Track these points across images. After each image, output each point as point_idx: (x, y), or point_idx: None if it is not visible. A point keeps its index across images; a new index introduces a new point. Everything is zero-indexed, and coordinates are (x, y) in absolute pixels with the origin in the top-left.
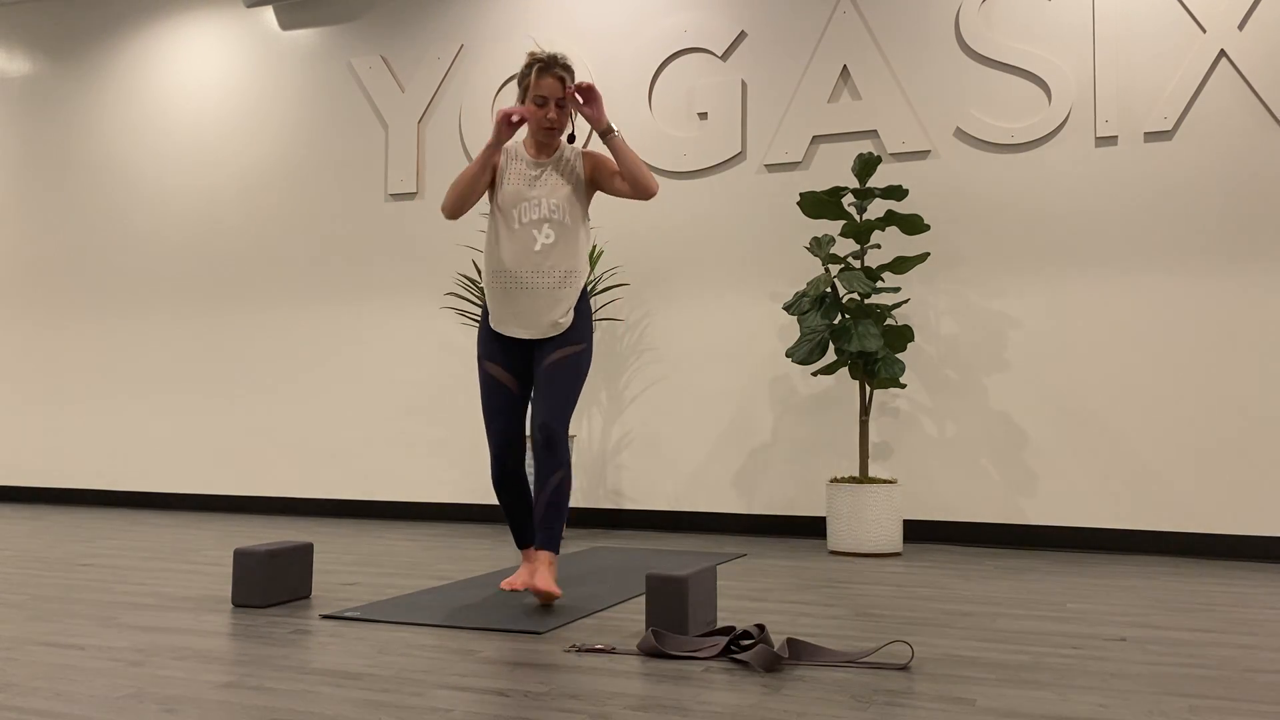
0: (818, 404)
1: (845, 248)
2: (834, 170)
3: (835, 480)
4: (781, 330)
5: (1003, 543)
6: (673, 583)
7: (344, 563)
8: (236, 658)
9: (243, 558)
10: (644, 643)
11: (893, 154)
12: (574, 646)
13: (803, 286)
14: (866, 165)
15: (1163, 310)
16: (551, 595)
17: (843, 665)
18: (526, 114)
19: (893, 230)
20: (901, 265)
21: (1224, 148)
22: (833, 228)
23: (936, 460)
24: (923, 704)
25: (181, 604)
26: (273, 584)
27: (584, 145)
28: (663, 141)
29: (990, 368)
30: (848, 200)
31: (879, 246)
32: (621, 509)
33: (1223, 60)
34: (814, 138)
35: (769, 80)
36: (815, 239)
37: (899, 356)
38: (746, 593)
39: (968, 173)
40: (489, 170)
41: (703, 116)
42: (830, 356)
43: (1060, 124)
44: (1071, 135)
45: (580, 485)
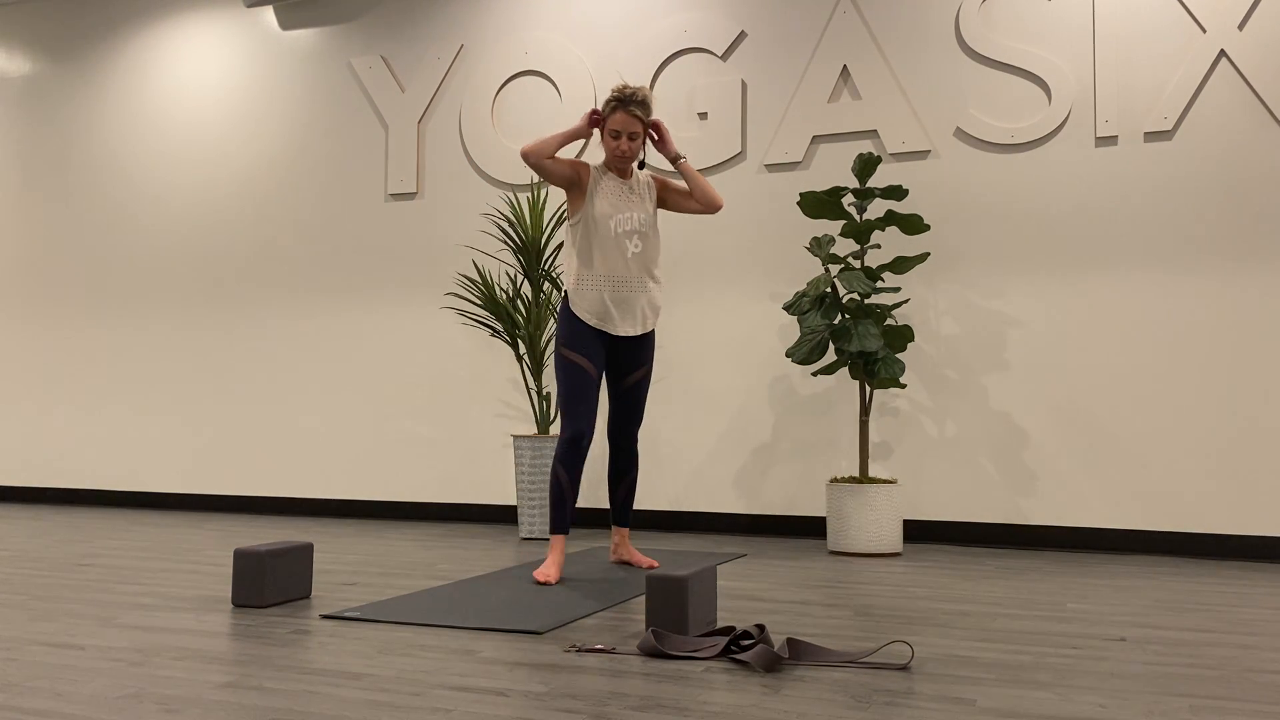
0: (818, 404)
1: (845, 248)
2: (834, 170)
3: (835, 480)
4: (781, 330)
5: (1003, 543)
6: (673, 583)
7: (344, 563)
8: (236, 658)
9: (243, 558)
10: (644, 643)
11: (893, 154)
12: (574, 646)
13: (803, 286)
14: (866, 165)
15: (1163, 310)
16: (654, 564)
17: (843, 665)
18: (605, 146)
19: (893, 230)
20: (901, 265)
21: (1224, 148)
22: (833, 228)
23: (936, 460)
24: (923, 704)
25: (181, 604)
26: (273, 584)
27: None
28: None
29: (990, 368)
30: (848, 200)
31: (879, 246)
32: None
33: (1223, 60)
34: (814, 138)
35: (769, 80)
36: (815, 239)
37: (899, 356)
38: (746, 593)
39: (968, 173)
40: (564, 147)
41: (703, 116)
42: (830, 356)
43: (1060, 124)
44: (1071, 135)
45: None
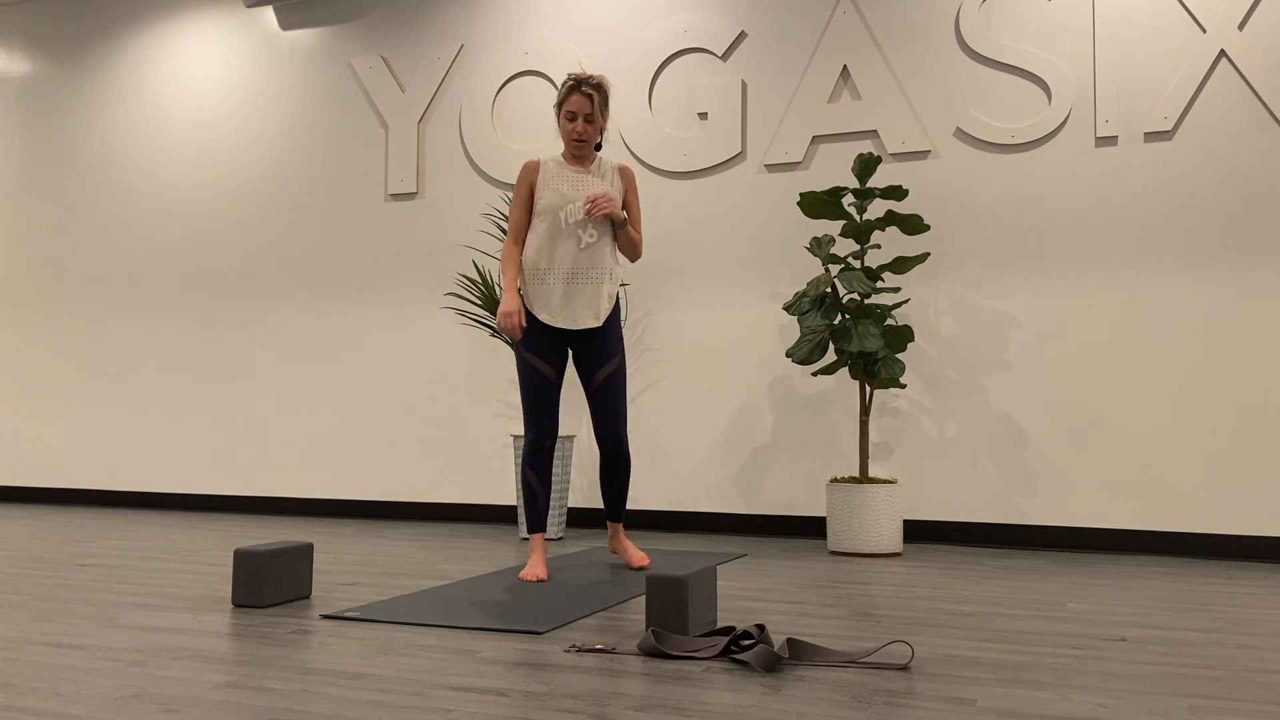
0: (818, 404)
1: (845, 248)
2: (834, 170)
3: (835, 480)
4: (781, 330)
5: (1003, 543)
6: (673, 583)
7: (344, 563)
8: (236, 658)
9: (243, 558)
10: (644, 643)
11: (893, 154)
12: (574, 646)
13: (803, 286)
14: (866, 165)
15: (1163, 310)
16: (645, 561)
17: (843, 665)
18: (561, 130)
19: (893, 230)
20: (901, 265)
21: (1224, 148)
22: (833, 228)
23: (936, 460)
24: (923, 704)
25: (181, 604)
26: (273, 584)
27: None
28: (663, 141)
29: (990, 368)
30: (848, 200)
31: (879, 246)
32: None
33: (1223, 60)
34: (814, 138)
35: (769, 80)
36: (815, 239)
37: (899, 356)
38: (746, 593)
39: (968, 173)
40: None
41: (703, 116)
42: (830, 356)
43: (1060, 124)
44: (1071, 135)
45: (581, 485)
